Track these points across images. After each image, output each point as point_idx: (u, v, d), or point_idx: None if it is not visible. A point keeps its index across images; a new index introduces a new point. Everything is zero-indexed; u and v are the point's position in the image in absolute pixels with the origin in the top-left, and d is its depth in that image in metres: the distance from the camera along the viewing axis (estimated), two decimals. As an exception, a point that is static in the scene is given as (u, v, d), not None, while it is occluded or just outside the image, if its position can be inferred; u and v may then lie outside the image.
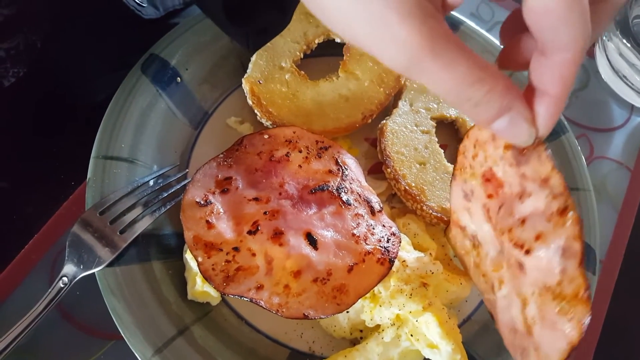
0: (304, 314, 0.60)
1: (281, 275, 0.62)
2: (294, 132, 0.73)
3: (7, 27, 0.76)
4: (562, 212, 0.49)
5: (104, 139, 0.71)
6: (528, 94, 0.44)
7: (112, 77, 0.78)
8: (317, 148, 0.73)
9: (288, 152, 0.71)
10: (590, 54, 1.04)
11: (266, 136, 0.73)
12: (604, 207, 0.90)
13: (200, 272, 0.62)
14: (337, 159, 0.72)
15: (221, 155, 0.71)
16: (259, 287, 0.61)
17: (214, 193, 0.67)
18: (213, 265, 0.62)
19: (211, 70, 0.80)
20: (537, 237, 0.51)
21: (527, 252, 0.53)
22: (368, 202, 0.70)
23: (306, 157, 0.71)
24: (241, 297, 0.60)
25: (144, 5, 0.73)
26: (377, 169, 0.81)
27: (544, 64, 0.42)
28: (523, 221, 0.53)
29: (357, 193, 0.70)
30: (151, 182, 0.71)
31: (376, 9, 0.37)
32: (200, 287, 0.66)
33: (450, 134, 0.85)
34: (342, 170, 0.71)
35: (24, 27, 0.79)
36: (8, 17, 0.74)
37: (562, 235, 0.49)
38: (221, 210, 0.66)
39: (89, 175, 0.69)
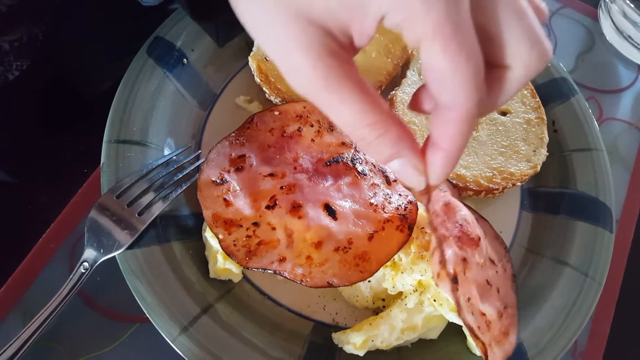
0: (327, 282, 0.60)
1: (302, 247, 0.62)
2: (305, 107, 0.73)
3: (9, 19, 0.76)
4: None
5: (115, 123, 0.70)
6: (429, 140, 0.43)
7: (117, 65, 0.77)
8: (328, 121, 0.72)
9: (300, 127, 0.71)
10: (594, 16, 1.03)
11: (277, 113, 0.73)
12: (616, 168, 0.89)
13: (222, 248, 0.62)
14: None
15: (233, 134, 0.71)
16: (282, 260, 0.61)
17: (229, 171, 0.67)
18: (234, 241, 0.62)
19: (217, 50, 0.80)
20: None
21: None
22: (383, 172, 0.70)
23: (318, 131, 0.71)
24: (264, 270, 0.60)
25: None
26: (388, 141, 0.81)
27: (437, 117, 0.41)
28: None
29: (372, 163, 0.70)
30: (166, 164, 0.71)
31: (279, 34, 0.37)
32: (222, 265, 0.66)
33: (459, 102, 0.85)
34: None
35: (26, 18, 0.78)
36: (10, 8, 0.74)
37: None
38: (237, 187, 0.66)
39: (102, 160, 0.68)
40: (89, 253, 0.64)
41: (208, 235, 0.67)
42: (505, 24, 0.37)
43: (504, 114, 0.81)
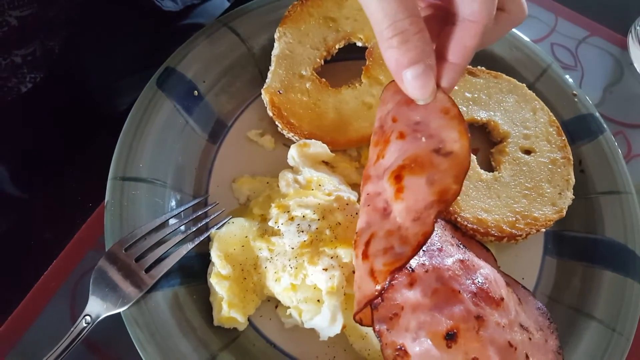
0: None
1: None
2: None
3: (22, 34, 0.74)
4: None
5: (121, 159, 0.68)
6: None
7: (136, 78, 0.75)
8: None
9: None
10: (623, 45, 0.99)
11: None
12: (644, 208, 0.84)
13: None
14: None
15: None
16: None
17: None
18: None
19: (229, 81, 0.77)
20: None
21: None
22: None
23: None
24: None
25: None
26: (404, 178, 0.77)
27: (451, 35, 0.47)
28: None
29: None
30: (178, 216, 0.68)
31: None
32: (227, 313, 0.62)
33: (481, 137, 0.81)
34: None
35: (40, 33, 0.77)
36: (23, 23, 0.72)
37: None
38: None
39: (107, 198, 0.66)
40: (92, 306, 0.61)
41: (213, 281, 0.64)
42: None
43: (528, 152, 0.77)
